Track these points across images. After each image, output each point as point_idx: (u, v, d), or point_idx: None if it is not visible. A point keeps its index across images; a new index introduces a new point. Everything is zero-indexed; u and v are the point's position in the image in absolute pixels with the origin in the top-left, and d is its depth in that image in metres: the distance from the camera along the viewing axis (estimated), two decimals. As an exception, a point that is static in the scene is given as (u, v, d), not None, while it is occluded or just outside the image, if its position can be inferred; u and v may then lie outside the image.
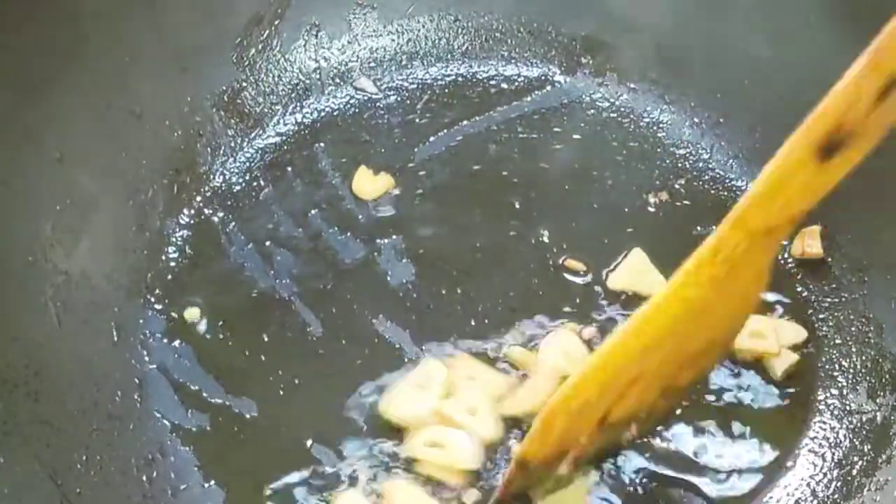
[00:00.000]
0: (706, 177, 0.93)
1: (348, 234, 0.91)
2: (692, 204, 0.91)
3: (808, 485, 0.77)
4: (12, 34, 0.80)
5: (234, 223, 0.92)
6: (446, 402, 0.80)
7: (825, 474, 0.78)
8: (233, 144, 0.96)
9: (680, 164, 0.94)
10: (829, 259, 0.86)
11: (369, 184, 0.93)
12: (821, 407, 0.81)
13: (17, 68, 0.81)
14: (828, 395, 0.81)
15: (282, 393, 0.82)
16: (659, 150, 0.95)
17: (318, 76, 1.00)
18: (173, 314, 0.86)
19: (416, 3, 1.02)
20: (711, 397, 0.81)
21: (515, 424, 0.80)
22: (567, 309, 0.86)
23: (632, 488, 0.77)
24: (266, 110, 0.98)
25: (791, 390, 0.82)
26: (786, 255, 0.88)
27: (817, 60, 0.72)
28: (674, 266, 0.87)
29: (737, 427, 0.80)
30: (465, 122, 0.97)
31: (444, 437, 0.79)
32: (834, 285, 0.85)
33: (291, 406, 0.82)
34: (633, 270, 0.87)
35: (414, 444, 0.79)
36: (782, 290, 0.86)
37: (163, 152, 0.92)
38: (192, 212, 0.92)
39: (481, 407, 0.80)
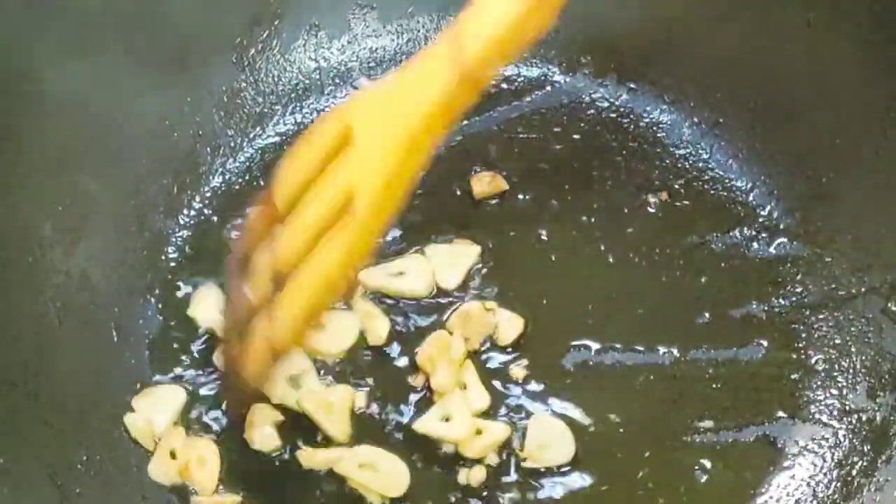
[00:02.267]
0: (706, 177, 0.93)
1: (348, 234, 0.90)
2: (692, 204, 0.91)
3: (808, 485, 0.77)
4: (11, 34, 0.80)
5: (233, 223, 0.92)
6: (345, 460, 0.77)
7: (825, 474, 0.78)
8: (233, 144, 0.96)
9: (680, 164, 0.94)
10: (829, 259, 0.86)
11: None
12: (821, 407, 0.81)
13: (16, 69, 0.81)
14: (828, 394, 0.81)
15: (282, 393, 0.82)
16: (659, 150, 0.95)
17: (317, 76, 1.00)
18: (173, 314, 0.86)
19: (416, 3, 1.02)
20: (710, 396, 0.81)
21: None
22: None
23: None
24: (266, 110, 0.98)
25: (791, 390, 0.82)
26: (786, 255, 0.88)
27: (817, 60, 0.72)
28: (673, 265, 0.87)
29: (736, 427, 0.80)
30: (464, 122, 0.97)
31: (377, 460, 0.77)
32: (834, 285, 0.85)
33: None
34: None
35: (347, 464, 0.76)
36: (781, 289, 0.86)
37: (163, 152, 0.92)
38: (192, 212, 0.92)
39: (381, 464, 0.77)
